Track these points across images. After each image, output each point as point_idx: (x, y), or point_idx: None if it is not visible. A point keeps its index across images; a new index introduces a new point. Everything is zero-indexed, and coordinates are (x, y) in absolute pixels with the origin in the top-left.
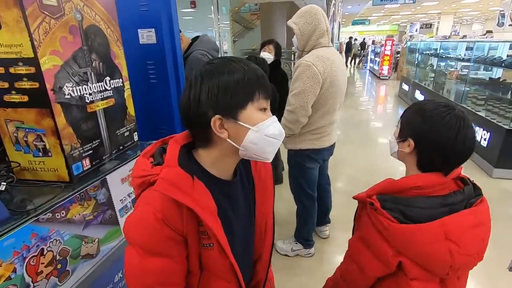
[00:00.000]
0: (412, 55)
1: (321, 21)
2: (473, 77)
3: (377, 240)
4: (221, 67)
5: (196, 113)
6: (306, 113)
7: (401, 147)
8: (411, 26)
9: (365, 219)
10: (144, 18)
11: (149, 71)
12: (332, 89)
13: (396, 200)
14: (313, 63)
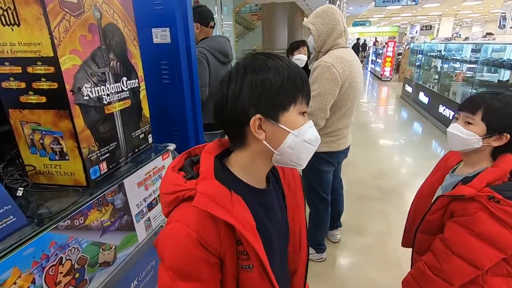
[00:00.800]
0: (415, 57)
1: (339, 21)
2: (481, 79)
3: (502, 232)
4: (266, 62)
5: (234, 109)
6: (324, 116)
7: (487, 142)
8: (411, 27)
9: (482, 215)
10: (159, 17)
11: (162, 72)
12: (351, 91)
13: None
14: (332, 64)
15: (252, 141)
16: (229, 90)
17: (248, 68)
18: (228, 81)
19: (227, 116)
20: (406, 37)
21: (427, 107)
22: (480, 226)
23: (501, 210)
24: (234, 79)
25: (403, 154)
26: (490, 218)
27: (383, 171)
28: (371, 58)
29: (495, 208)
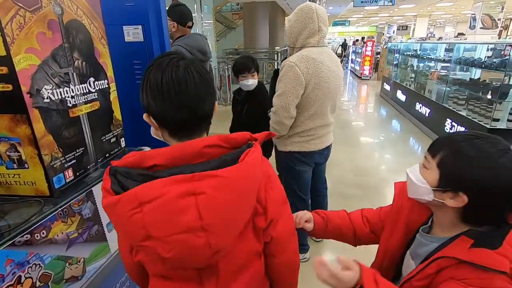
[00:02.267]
0: (393, 56)
1: (313, 20)
2: (454, 77)
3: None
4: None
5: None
6: (288, 115)
7: (440, 197)
8: (388, 27)
9: None
10: (130, 14)
11: (135, 71)
12: (319, 91)
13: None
14: (296, 64)
15: (208, 124)
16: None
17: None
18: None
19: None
20: (384, 36)
21: (405, 105)
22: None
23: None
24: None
25: (383, 151)
26: None
27: (364, 169)
28: (351, 57)
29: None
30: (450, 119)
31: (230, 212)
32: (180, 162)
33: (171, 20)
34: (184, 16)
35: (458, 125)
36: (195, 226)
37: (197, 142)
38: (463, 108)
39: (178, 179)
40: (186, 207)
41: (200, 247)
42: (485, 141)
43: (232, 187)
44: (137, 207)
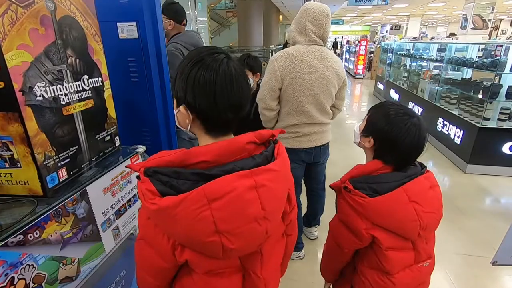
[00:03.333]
0: (385, 55)
1: (300, 19)
2: (446, 77)
3: (353, 217)
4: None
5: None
6: (265, 106)
7: (363, 140)
8: (382, 27)
9: (341, 202)
10: (124, 11)
11: (130, 69)
12: (295, 87)
13: (366, 180)
14: (275, 59)
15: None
16: (247, 86)
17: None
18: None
19: (246, 109)
20: (377, 36)
21: None
22: (340, 210)
23: (352, 199)
24: (245, 76)
25: None
26: (346, 204)
27: None
28: (345, 56)
29: (348, 197)
30: (442, 118)
31: (280, 200)
32: (226, 159)
33: (167, 18)
34: (180, 14)
35: (450, 124)
36: (260, 216)
37: (240, 138)
38: (455, 107)
39: (241, 175)
40: (252, 200)
41: (260, 234)
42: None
43: (281, 178)
44: (206, 204)
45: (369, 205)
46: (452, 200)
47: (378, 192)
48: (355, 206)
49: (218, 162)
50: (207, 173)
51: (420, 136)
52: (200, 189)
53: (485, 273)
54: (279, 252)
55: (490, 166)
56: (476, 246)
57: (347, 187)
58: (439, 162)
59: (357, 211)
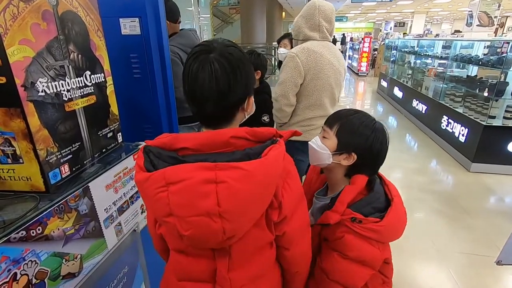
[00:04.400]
0: (390, 52)
1: (314, 16)
2: (451, 74)
3: (367, 249)
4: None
5: (239, 94)
6: (288, 102)
7: (337, 159)
8: (386, 24)
9: (347, 237)
10: (127, 6)
11: (132, 65)
12: (317, 82)
13: (368, 202)
14: (296, 54)
15: (238, 115)
16: (234, 79)
17: (243, 60)
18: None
19: (237, 100)
20: (381, 33)
21: (402, 102)
22: (350, 248)
23: (365, 228)
24: (235, 70)
25: None
26: (357, 238)
27: None
28: (348, 54)
29: (359, 229)
30: (447, 116)
31: (247, 203)
32: (208, 149)
33: None
34: (173, 12)
35: (455, 122)
36: (213, 212)
37: (224, 132)
38: (460, 105)
39: (203, 166)
40: (207, 193)
41: (215, 231)
42: (361, 114)
43: (252, 180)
44: (164, 186)
45: (386, 228)
46: (456, 199)
47: (381, 210)
48: (369, 235)
49: (200, 151)
50: (180, 159)
51: (387, 136)
52: (162, 171)
53: (489, 272)
54: (262, 262)
55: (495, 164)
56: (480, 245)
57: (356, 218)
58: (443, 161)
59: (370, 240)
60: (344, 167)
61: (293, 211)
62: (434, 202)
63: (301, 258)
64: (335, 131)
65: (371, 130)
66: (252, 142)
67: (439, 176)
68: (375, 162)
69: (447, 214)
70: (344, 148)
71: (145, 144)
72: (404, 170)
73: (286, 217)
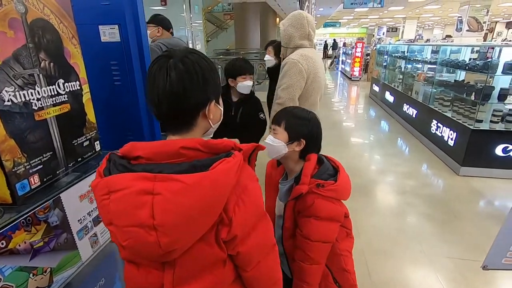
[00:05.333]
0: (381, 57)
1: (304, 26)
2: (439, 79)
3: (334, 207)
4: (203, 58)
5: (197, 99)
6: (294, 105)
7: (291, 148)
8: (378, 29)
9: (317, 201)
10: (106, 13)
11: (113, 73)
12: (315, 84)
13: (324, 171)
14: (298, 61)
15: (200, 122)
16: (189, 82)
17: (203, 65)
18: (186, 74)
19: (192, 105)
20: (374, 38)
21: (393, 106)
22: (321, 209)
23: (328, 190)
24: (191, 74)
25: (371, 151)
26: (324, 200)
27: (353, 169)
28: (341, 59)
29: (324, 191)
30: (436, 120)
31: (185, 217)
32: (160, 159)
33: (155, 26)
34: (167, 22)
35: (444, 126)
36: (147, 224)
37: (176, 142)
38: (448, 109)
39: (143, 176)
40: (143, 204)
41: (150, 244)
42: (298, 109)
43: (193, 194)
44: (106, 194)
45: (340, 187)
46: (445, 203)
47: (332, 175)
48: (331, 195)
49: (152, 160)
50: (128, 167)
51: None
52: (106, 179)
53: (477, 277)
54: (213, 281)
55: (483, 168)
56: (468, 250)
57: (320, 184)
58: (433, 164)
59: (332, 199)
60: (297, 152)
61: (249, 230)
62: (423, 206)
63: (265, 282)
64: (283, 126)
65: (309, 119)
66: (206, 154)
67: (429, 180)
68: (317, 142)
69: (436, 218)
70: (295, 137)
71: (110, 152)
72: (395, 174)
73: (237, 236)
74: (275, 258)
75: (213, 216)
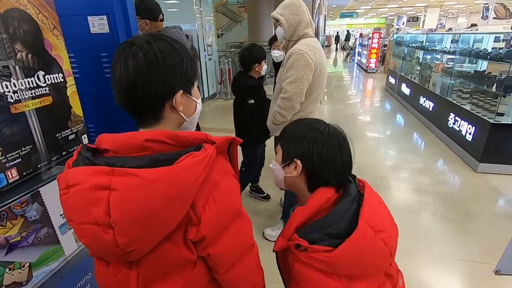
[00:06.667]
0: (398, 48)
1: (305, 13)
2: (458, 69)
3: (321, 281)
4: (172, 44)
5: (160, 88)
6: (301, 100)
7: (287, 171)
8: (398, 19)
9: (297, 267)
10: (94, 4)
11: (103, 65)
12: (321, 77)
13: (318, 226)
14: (306, 52)
15: (169, 114)
16: (148, 72)
17: (166, 53)
18: (144, 62)
19: (152, 95)
20: (393, 28)
21: (409, 99)
22: (301, 279)
23: (312, 258)
24: (151, 62)
25: (385, 147)
26: (307, 269)
27: (363, 165)
28: (357, 50)
29: (305, 257)
30: (454, 114)
31: (144, 215)
32: (125, 152)
33: (142, 19)
34: (153, 10)
35: (462, 120)
36: (103, 221)
37: (140, 134)
38: (467, 102)
39: (100, 170)
40: (98, 200)
41: (107, 243)
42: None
43: (150, 190)
44: (66, 188)
45: (338, 259)
46: (460, 202)
47: (339, 236)
48: (319, 266)
49: (118, 153)
50: (92, 160)
51: (344, 137)
52: (65, 172)
53: (489, 282)
54: (181, 283)
55: (503, 165)
56: (482, 252)
57: (301, 245)
58: (449, 160)
59: (323, 272)
60: (303, 181)
61: (220, 230)
62: (437, 204)
63: (242, 285)
64: (281, 143)
65: (308, 131)
66: (173, 147)
67: (445, 177)
68: (327, 168)
69: (449, 217)
70: (288, 156)
71: (82, 144)
72: (409, 170)
73: (207, 237)
74: (252, 260)
75: (178, 215)
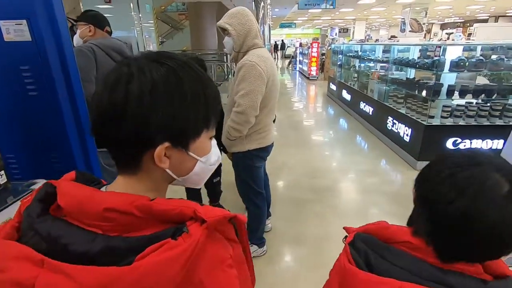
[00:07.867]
0: (336, 57)
1: (253, 22)
2: (392, 77)
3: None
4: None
5: (137, 133)
6: (255, 113)
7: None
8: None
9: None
10: (8, 5)
11: (25, 80)
12: (274, 87)
13: (374, 244)
14: (257, 63)
15: (150, 166)
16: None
17: (160, 83)
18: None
19: (125, 129)
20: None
21: (350, 104)
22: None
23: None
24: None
25: (332, 151)
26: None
27: (316, 171)
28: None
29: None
30: (392, 117)
31: None
32: (79, 216)
33: (86, 24)
34: (100, 19)
35: (399, 123)
36: None
37: (102, 198)
38: (402, 106)
39: (28, 255)
40: None
41: None
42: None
43: None
44: None
45: (347, 275)
46: (406, 198)
47: (370, 268)
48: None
49: (70, 215)
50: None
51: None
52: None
53: None
54: None
55: None
56: None
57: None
58: (391, 160)
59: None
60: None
61: None
62: (385, 203)
63: None
64: None
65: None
66: (148, 221)
67: (389, 176)
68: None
69: (399, 214)
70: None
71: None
72: (356, 172)
73: None
74: None
75: None
